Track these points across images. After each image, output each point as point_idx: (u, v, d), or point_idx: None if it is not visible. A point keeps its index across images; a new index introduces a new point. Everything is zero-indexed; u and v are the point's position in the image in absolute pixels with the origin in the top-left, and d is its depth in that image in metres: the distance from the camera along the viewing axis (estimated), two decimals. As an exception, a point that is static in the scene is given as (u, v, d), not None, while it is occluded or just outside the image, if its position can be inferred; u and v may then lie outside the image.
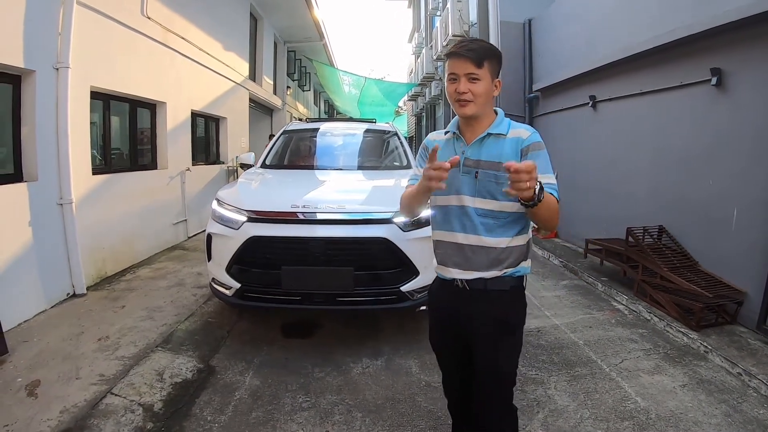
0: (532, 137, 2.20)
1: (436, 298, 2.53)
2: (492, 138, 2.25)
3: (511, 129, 2.26)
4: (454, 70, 2.19)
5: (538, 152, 2.16)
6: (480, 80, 2.16)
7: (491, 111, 2.32)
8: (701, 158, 5.47)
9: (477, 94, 2.16)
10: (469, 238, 2.27)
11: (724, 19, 4.86)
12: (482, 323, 2.29)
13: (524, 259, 2.32)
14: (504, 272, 2.25)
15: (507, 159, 2.09)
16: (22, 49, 4.82)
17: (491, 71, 2.20)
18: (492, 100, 2.28)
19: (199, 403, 3.62)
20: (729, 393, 3.81)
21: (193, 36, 9.41)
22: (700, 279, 5.22)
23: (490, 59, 2.18)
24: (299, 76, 22.43)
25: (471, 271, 2.27)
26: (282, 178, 5.76)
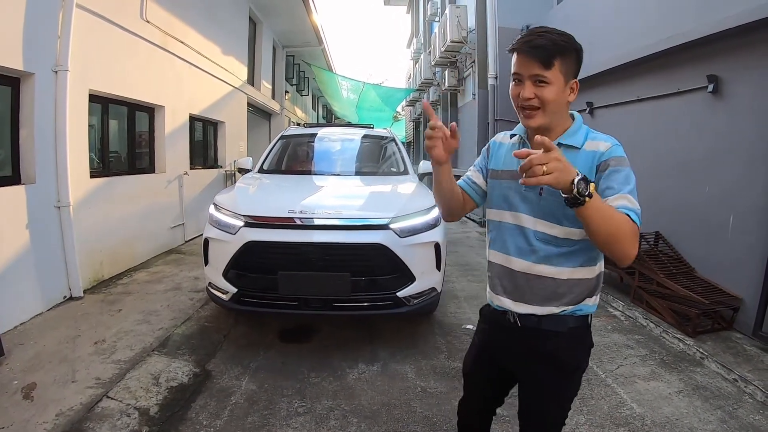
0: (612, 150, 1.79)
1: (486, 327, 2.19)
2: (563, 150, 1.80)
3: (588, 140, 1.86)
4: (517, 69, 1.83)
5: (618, 168, 1.74)
6: (549, 84, 1.77)
7: (565, 117, 1.93)
8: (698, 165, 5.49)
9: (546, 100, 1.79)
10: (523, 265, 1.94)
11: (721, 26, 4.89)
12: (533, 365, 1.98)
13: (589, 296, 1.94)
14: (562, 310, 1.90)
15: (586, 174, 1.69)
16: (21, 52, 4.83)
17: (565, 71, 1.79)
18: (566, 106, 1.89)
19: (195, 407, 3.61)
20: (725, 399, 3.82)
21: (192, 40, 9.43)
22: (697, 285, 5.24)
23: (563, 56, 1.77)
24: (298, 80, 22.44)
25: (523, 304, 1.95)
26: (279, 183, 5.78)
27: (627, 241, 1.60)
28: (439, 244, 4.60)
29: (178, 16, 8.68)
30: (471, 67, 14.32)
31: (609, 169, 1.75)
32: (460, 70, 16.01)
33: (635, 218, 1.63)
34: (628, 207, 1.65)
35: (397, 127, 31.85)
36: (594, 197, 1.51)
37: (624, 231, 1.59)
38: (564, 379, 1.97)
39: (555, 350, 1.91)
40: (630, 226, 1.61)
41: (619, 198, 1.67)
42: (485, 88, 12.33)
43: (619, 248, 1.61)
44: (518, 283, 1.95)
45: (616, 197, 1.68)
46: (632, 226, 1.62)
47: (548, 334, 1.91)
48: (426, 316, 5.36)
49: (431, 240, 4.56)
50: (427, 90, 22.20)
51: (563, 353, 1.92)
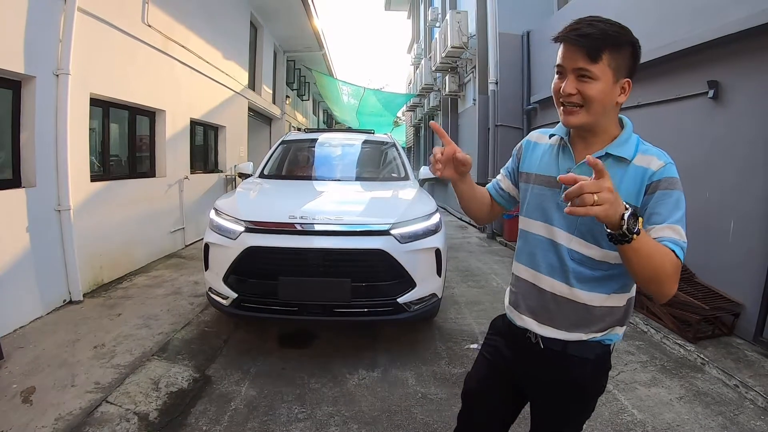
0: (665, 170, 1.57)
1: (500, 342, 1.99)
2: (611, 161, 1.64)
3: (639, 153, 1.63)
4: (560, 61, 1.65)
5: (669, 192, 1.53)
6: (594, 80, 1.56)
7: (613, 121, 1.70)
8: (698, 170, 5.48)
9: (589, 98, 1.58)
10: (555, 286, 1.75)
11: (722, 32, 4.89)
12: (553, 389, 1.82)
13: (620, 324, 1.78)
14: (591, 337, 1.73)
15: (626, 195, 1.56)
16: (22, 55, 4.83)
17: (615, 67, 1.57)
18: (615, 108, 1.66)
19: (195, 412, 3.60)
20: (726, 405, 3.81)
21: (193, 44, 9.44)
22: (697, 291, 5.23)
23: (613, 49, 1.56)
24: (298, 85, 22.48)
25: (548, 327, 1.78)
26: (280, 189, 5.78)
27: (668, 281, 1.45)
28: (439, 250, 4.60)
29: (180, 20, 8.69)
30: (471, 72, 14.33)
31: (659, 191, 1.54)
32: (461, 75, 16.02)
33: (680, 254, 1.46)
34: (674, 240, 1.47)
35: (397, 133, 31.89)
36: (641, 234, 1.35)
37: (666, 270, 1.43)
38: (584, 404, 1.86)
39: (580, 377, 1.76)
40: (673, 264, 1.43)
41: (665, 228, 1.50)
42: (486, 94, 12.33)
43: (658, 288, 1.47)
44: (547, 305, 1.78)
45: (662, 227, 1.50)
46: (675, 263, 1.44)
47: (574, 360, 1.74)
48: (426, 321, 5.35)
49: (432, 246, 4.56)
50: (428, 95, 22.22)
51: (588, 380, 1.78)
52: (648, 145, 1.67)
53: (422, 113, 25.27)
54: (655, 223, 1.51)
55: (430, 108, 22.25)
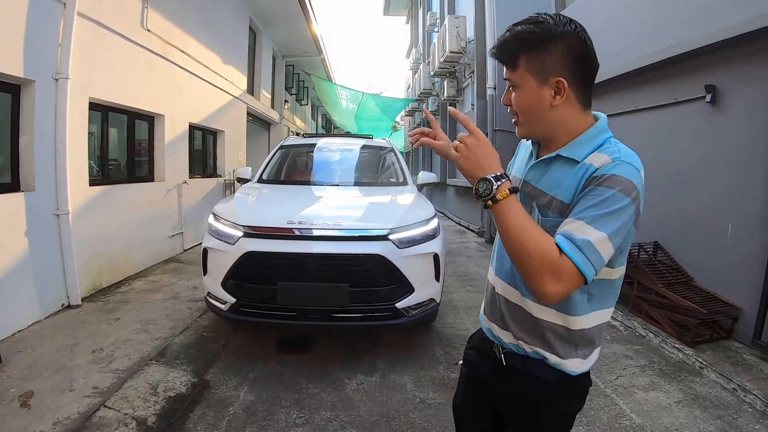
0: (610, 166, 1.37)
1: (473, 354, 1.90)
2: (561, 161, 1.52)
3: (596, 152, 1.46)
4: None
5: (602, 190, 1.34)
6: (516, 87, 1.51)
7: (571, 124, 1.52)
8: (696, 174, 5.50)
9: (518, 108, 1.52)
10: (507, 290, 1.65)
11: (719, 36, 4.91)
12: (517, 406, 1.68)
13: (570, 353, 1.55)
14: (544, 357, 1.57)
15: (563, 193, 1.47)
16: (22, 59, 4.85)
17: (535, 70, 1.45)
18: (555, 112, 1.49)
19: (193, 417, 3.60)
20: (724, 409, 3.81)
21: (193, 49, 9.47)
22: (696, 295, 5.23)
23: (530, 52, 1.45)
24: (297, 90, 22.52)
25: (505, 331, 1.66)
26: (278, 194, 5.79)
27: (533, 273, 1.31)
28: (438, 255, 4.61)
29: (179, 25, 8.71)
30: (470, 77, 14.33)
31: (590, 186, 1.37)
32: (459, 80, 16.03)
33: (568, 250, 1.30)
34: (567, 235, 1.32)
35: (395, 137, 31.86)
36: (503, 205, 1.36)
37: (530, 257, 1.31)
38: (552, 422, 1.67)
39: (544, 395, 1.60)
40: (544, 254, 1.30)
41: (568, 223, 1.36)
42: (484, 99, 12.34)
43: (525, 277, 1.36)
44: (501, 310, 1.68)
45: (567, 221, 1.36)
46: (548, 255, 1.30)
47: (534, 379, 1.60)
48: (425, 326, 5.36)
49: (430, 251, 4.57)
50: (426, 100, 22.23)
51: (551, 399, 1.61)
52: (615, 146, 1.47)
53: (421, 118, 25.29)
54: (568, 218, 1.38)
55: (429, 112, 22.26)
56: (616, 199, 1.32)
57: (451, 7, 16.85)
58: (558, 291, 1.30)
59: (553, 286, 1.29)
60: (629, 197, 1.33)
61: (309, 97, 27.34)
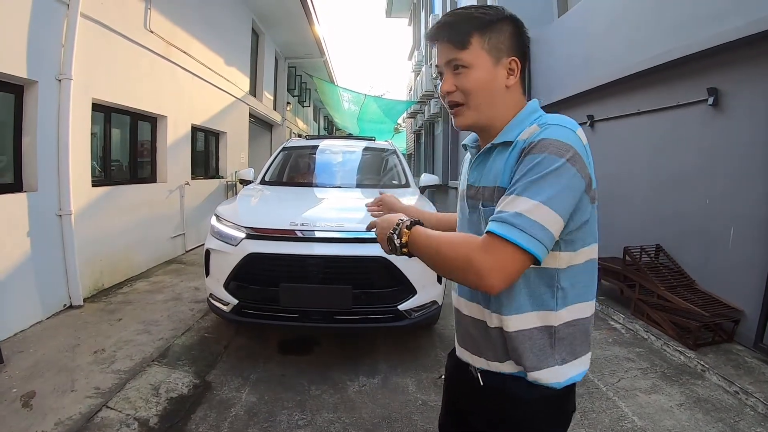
0: (538, 134, 1.27)
1: (452, 376, 1.77)
2: (498, 150, 1.42)
3: (526, 128, 1.35)
4: (437, 61, 1.47)
5: (532, 157, 1.24)
6: (469, 68, 1.38)
7: (510, 108, 1.45)
8: (698, 177, 5.49)
9: (468, 90, 1.39)
10: (470, 308, 1.51)
11: (721, 39, 4.90)
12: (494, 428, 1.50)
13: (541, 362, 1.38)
14: (520, 370, 1.41)
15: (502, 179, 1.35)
16: (25, 60, 4.85)
17: (490, 48, 1.38)
18: (505, 93, 1.43)
19: (195, 418, 3.60)
20: (726, 412, 3.80)
21: (195, 50, 9.48)
22: (697, 298, 5.23)
23: (483, 30, 1.38)
24: (299, 92, 22.54)
25: (477, 357, 1.51)
26: (281, 195, 5.79)
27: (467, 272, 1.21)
28: None
29: (182, 26, 8.72)
30: (472, 79, 14.34)
31: (523, 159, 1.26)
32: (462, 82, 16.04)
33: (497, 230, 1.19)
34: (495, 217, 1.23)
35: (398, 139, 31.91)
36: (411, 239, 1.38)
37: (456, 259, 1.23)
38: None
39: (522, 420, 1.45)
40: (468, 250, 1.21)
41: (499, 204, 1.26)
42: (486, 101, 12.35)
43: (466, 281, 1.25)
44: (468, 330, 1.54)
45: (504, 201, 1.24)
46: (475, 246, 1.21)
47: (512, 399, 1.44)
48: (427, 329, 5.35)
49: (433, 252, 4.55)
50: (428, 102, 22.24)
51: (530, 424, 1.45)
52: (545, 117, 1.38)
53: (423, 120, 25.30)
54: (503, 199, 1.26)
55: (431, 115, 22.26)
56: (546, 163, 1.21)
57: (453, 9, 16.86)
58: (501, 276, 1.17)
59: (494, 275, 1.17)
60: (563, 158, 1.21)
61: (311, 99, 27.36)
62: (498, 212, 1.22)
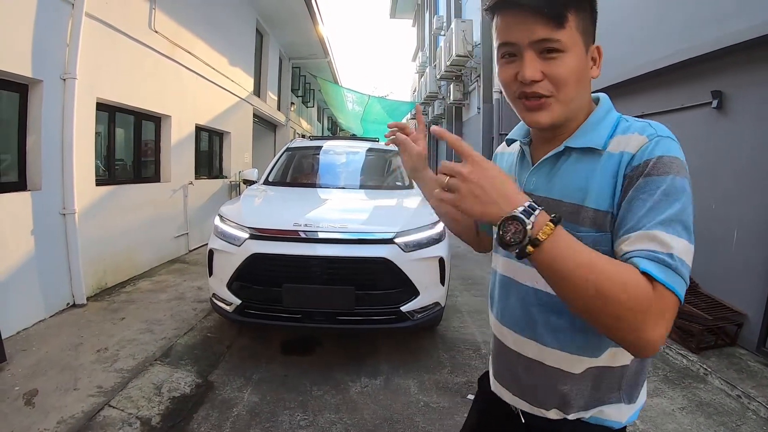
0: (650, 147, 1.05)
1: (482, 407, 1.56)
2: (575, 156, 1.19)
3: (617, 135, 1.15)
4: (509, 37, 1.12)
5: (653, 180, 1.01)
6: (565, 53, 1.09)
7: (587, 104, 1.24)
8: (702, 180, 5.48)
9: (561, 80, 1.10)
10: (522, 344, 1.28)
11: (726, 42, 4.90)
12: None
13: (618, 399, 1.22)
14: (580, 416, 1.23)
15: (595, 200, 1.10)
16: (30, 59, 4.87)
17: (583, 31, 1.14)
18: (588, 87, 1.22)
19: (197, 418, 3.60)
20: (728, 415, 3.80)
21: (200, 50, 9.49)
22: (700, 301, 5.21)
23: (578, 7, 1.10)
24: (303, 92, 22.55)
25: (522, 401, 1.32)
26: (284, 196, 5.80)
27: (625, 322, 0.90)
28: (443, 259, 4.60)
29: (186, 26, 8.73)
30: (476, 81, 14.36)
31: (641, 179, 1.02)
32: (465, 84, 16.06)
33: (656, 273, 0.91)
34: (649, 255, 0.94)
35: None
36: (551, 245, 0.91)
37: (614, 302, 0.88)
38: None
39: None
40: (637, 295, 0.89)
41: (639, 239, 0.97)
42: (490, 102, 12.37)
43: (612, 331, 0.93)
44: (516, 371, 1.32)
45: (635, 236, 0.98)
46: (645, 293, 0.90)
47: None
48: (429, 330, 5.35)
49: (436, 254, 4.56)
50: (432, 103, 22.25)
51: None
52: (632, 121, 1.17)
53: (427, 121, 25.30)
54: (627, 232, 1.00)
55: (435, 116, 22.30)
56: (676, 188, 0.99)
57: (457, 11, 16.90)
58: (663, 334, 0.92)
59: (657, 329, 0.90)
60: (685, 177, 1.02)
61: (315, 100, 27.37)
62: (653, 252, 0.94)
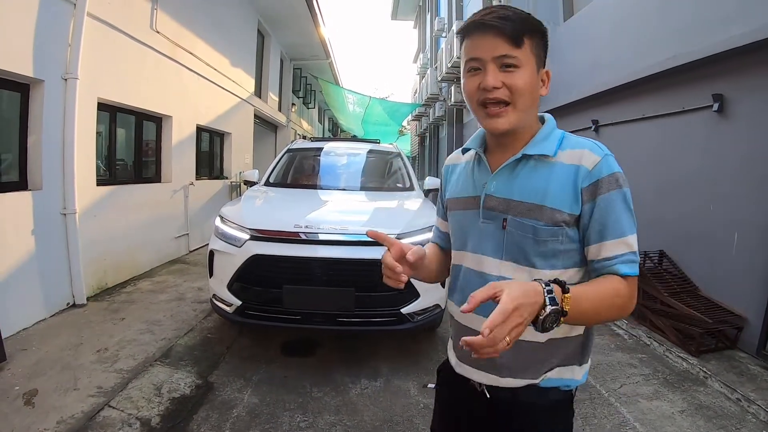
0: (603, 165, 1.34)
1: (445, 394, 1.76)
2: (532, 163, 1.42)
3: (567, 148, 1.41)
4: (476, 53, 1.36)
5: (615, 194, 1.33)
6: (520, 68, 1.33)
7: (535, 119, 1.48)
8: (702, 183, 5.48)
9: (518, 90, 1.34)
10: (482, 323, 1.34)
11: (727, 45, 4.90)
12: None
13: (577, 362, 1.49)
14: (543, 379, 1.44)
15: (555, 200, 1.35)
16: (31, 59, 4.87)
17: (536, 54, 1.38)
18: (537, 102, 1.43)
19: (197, 419, 3.61)
20: (728, 419, 3.79)
21: (201, 51, 9.50)
22: (700, 304, 5.21)
23: (533, 35, 1.36)
24: (304, 93, 22.57)
25: (490, 374, 1.48)
26: (285, 197, 5.80)
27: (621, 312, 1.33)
28: None
29: (188, 27, 8.74)
30: (478, 83, 14.34)
31: (601, 196, 1.32)
32: (467, 85, 16.03)
33: (628, 271, 1.31)
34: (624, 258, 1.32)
35: (402, 142, 31.92)
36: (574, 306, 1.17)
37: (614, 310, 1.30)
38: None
39: (537, 423, 1.47)
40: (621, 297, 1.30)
41: (617, 244, 1.33)
42: (491, 105, 12.34)
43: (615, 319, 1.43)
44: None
45: (614, 243, 1.32)
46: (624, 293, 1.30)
47: (525, 408, 1.46)
48: (429, 332, 5.35)
49: (436, 256, 4.55)
50: (433, 105, 22.27)
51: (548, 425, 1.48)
52: (576, 138, 1.44)
53: (427, 123, 25.34)
54: (604, 239, 1.33)
55: (435, 118, 22.29)
56: (629, 197, 1.36)
57: (459, 13, 16.90)
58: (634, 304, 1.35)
59: (633, 302, 1.34)
60: (628, 187, 1.37)
61: (316, 101, 27.39)
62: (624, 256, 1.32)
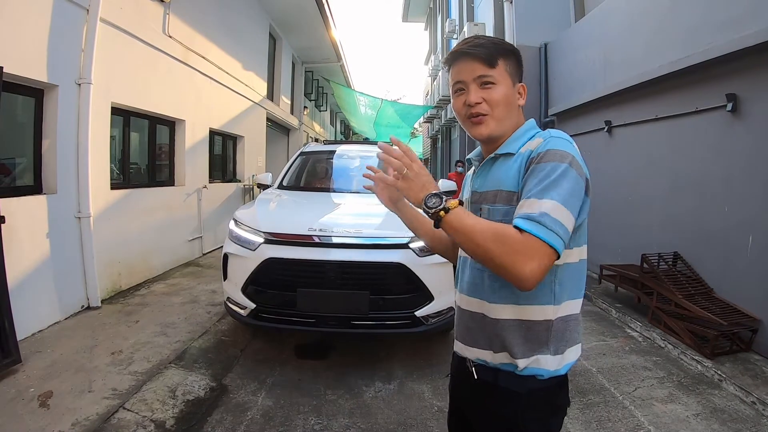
0: (544, 144, 1.49)
1: (454, 379, 1.87)
2: (501, 160, 1.64)
3: (528, 141, 1.60)
4: (459, 76, 1.63)
5: (543, 165, 1.44)
6: (496, 84, 1.59)
7: (515, 125, 1.68)
8: (717, 184, 5.44)
9: (494, 102, 1.59)
10: (470, 302, 1.66)
11: (740, 45, 4.86)
12: (488, 425, 1.64)
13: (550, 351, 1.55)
14: (516, 366, 1.54)
15: (508, 184, 1.55)
16: (45, 64, 4.93)
17: (510, 72, 1.63)
18: (517, 111, 1.67)
19: (211, 421, 3.62)
20: (743, 422, 3.76)
21: (213, 55, 9.55)
22: (715, 306, 5.17)
23: (505, 57, 1.62)
24: (316, 96, 22.62)
25: (472, 348, 1.65)
26: (299, 200, 5.82)
27: (503, 259, 1.31)
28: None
29: (200, 31, 8.79)
30: (489, 84, 14.30)
31: (533, 165, 1.46)
32: (478, 87, 16.00)
33: (527, 227, 1.32)
34: (523, 215, 1.36)
35: (414, 144, 31.87)
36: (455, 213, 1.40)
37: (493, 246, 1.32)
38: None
39: (512, 414, 1.56)
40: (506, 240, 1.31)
41: (521, 206, 1.40)
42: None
43: (498, 269, 1.33)
44: (467, 324, 1.67)
45: (521, 203, 1.41)
46: (513, 238, 1.32)
47: (504, 393, 1.57)
48: (443, 335, 5.33)
49: (450, 259, 4.55)
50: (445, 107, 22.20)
51: (521, 419, 1.55)
52: (543, 132, 1.62)
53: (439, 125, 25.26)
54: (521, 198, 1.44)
55: (447, 120, 22.22)
56: (555, 168, 1.41)
57: (470, 14, 16.84)
58: (535, 269, 1.30)
59: (527, 265, 1.30)
60: (565, 162, 1.42)
61: (328, 103, 27.45)
62: (525, 212, 1.35)
